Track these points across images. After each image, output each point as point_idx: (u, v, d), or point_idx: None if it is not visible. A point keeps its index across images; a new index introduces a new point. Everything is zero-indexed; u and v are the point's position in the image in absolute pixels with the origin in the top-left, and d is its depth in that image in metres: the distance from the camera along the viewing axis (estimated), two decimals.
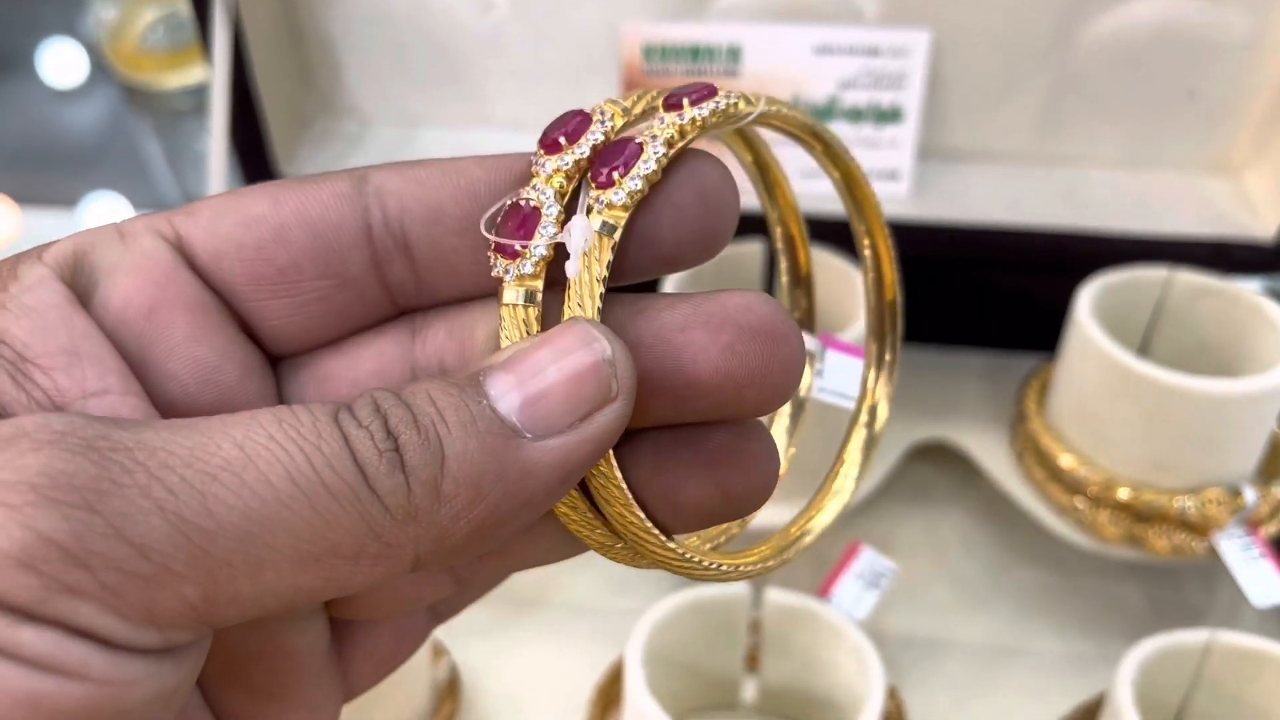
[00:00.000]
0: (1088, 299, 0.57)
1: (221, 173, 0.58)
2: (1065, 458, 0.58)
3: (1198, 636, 0.50)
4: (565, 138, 0.20)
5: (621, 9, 0.62)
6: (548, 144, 0.20)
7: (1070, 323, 0.57)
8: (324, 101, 0.69)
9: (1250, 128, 0.62)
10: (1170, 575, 0.64)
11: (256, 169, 0.64)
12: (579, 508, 0.20)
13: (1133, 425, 0.55)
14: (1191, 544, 0.55)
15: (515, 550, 0.22)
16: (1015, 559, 0.65)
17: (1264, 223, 0.61)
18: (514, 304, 0.20)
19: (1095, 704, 0.54)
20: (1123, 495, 0.55)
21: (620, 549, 0.21)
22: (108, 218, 0.21)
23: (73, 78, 1.04)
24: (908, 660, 0.60)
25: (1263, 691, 0.50)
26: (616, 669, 0.56)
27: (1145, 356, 0.57)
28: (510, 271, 0.20)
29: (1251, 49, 0.59)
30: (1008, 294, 0.67)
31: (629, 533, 0.20)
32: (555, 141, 0.20)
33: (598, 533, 0.20)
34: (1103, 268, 0.58)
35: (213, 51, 0.58)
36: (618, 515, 0.20)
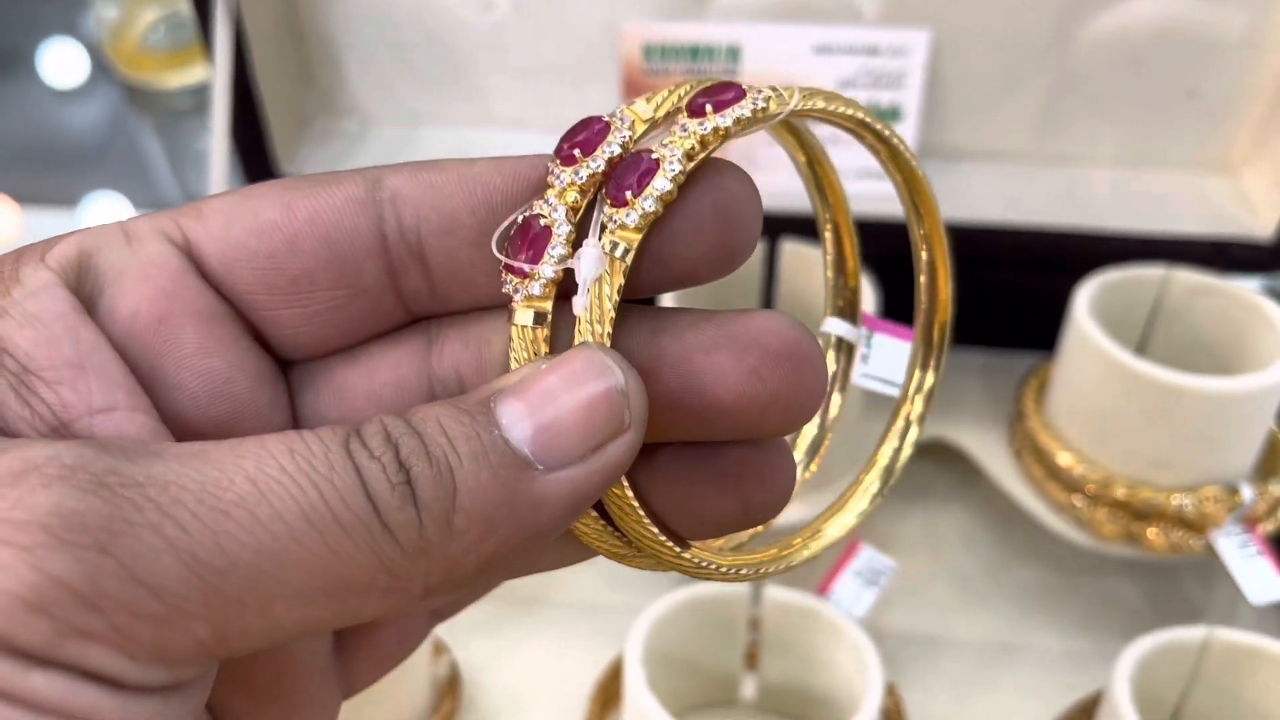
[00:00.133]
0: (1086, 297, 0.57)
1: (222, 172, 0.58)
2: (1063, 456, 0.58)
3: (1195, 634, 0.50)
4: (580, 150, 0.19)
5: (621, 8, 0.62)
6: (563, 155, 0.20)
7: (1069, 321, 0.58)
8: (325, 100, 0.69)
9: (1249, 127, 0.62)
10: (1168, 573, 0.64)
11: (257, 168, 0.64)
12: (591, 520, 0.20)
13: (1131, 423, 0.55)
14: (1189, 542, 0.55)
15: (524, 558, 0.22)
16: (1014, 557, 0.65)
17: (1263, 222, 0.61)
18: (523, 325, 0.19)
19: (1093, 701, 0.54)
20: (1121, 493, 0.55)
21: (637, 558, 0.20)
22: (109, 217, 0.21)
23: (73, 77, 1.04)
24: (906, 657, 0.60)
25: (1260, 688, 0.50)
26: (616, 666, 0.56)
27: (1143, 355, 0.57)
28: (520, 291, 0.19)
29: (1251, 48, 0.60)
30: (1006, 292, 0.67)
31: (644, 544, 0.20)
32: (570, 154, 0.19)
33: (610, 542, 0.20)
34: (1101, 266, 0.59)
35: (213, 51, 0.58)
36: (633, 530, 0.20)
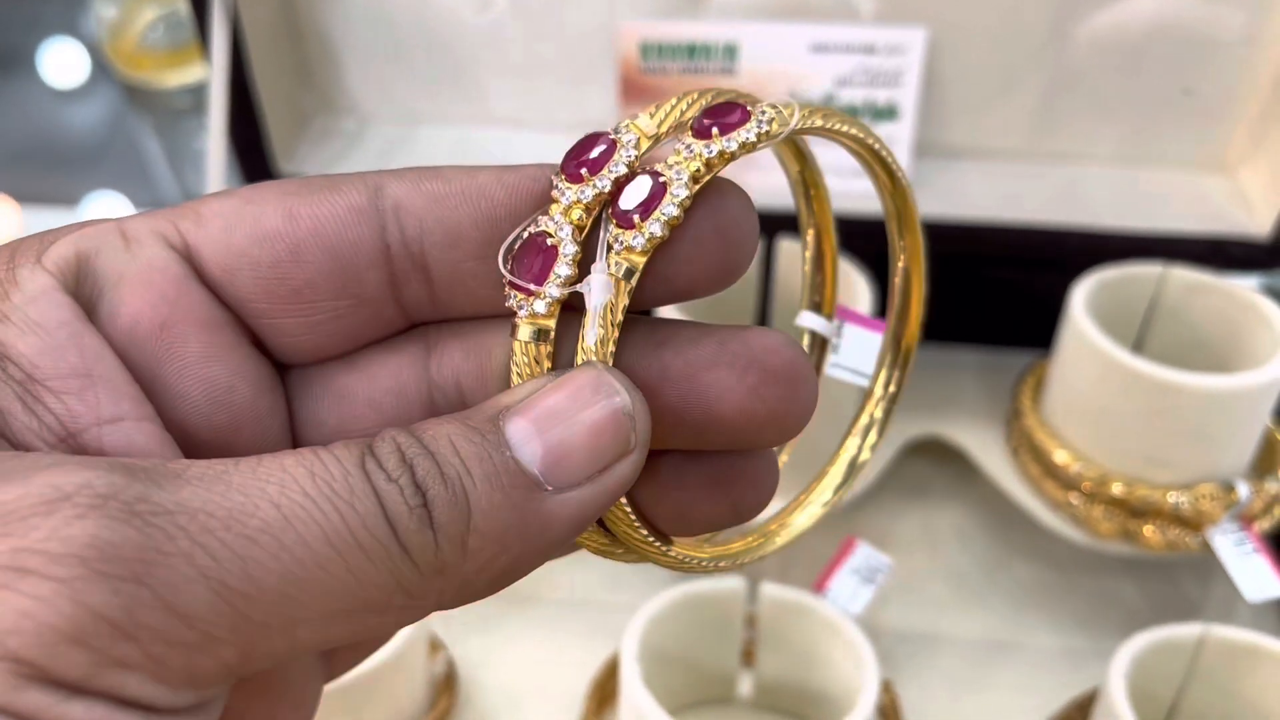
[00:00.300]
0: (1083, 295, 0.57)
1: (220, 171, 0.58)
2: (1060, 453, 0.58)
3: (1191, 631, 0.50)
4: (587, 169, 0.20)
5: (619, 7, 0.62)
6: (569, 172, 0.20)
7: (1065, 319, 0.58)
8: (323, 99, 0.69)
9: (1246, 125, 0.62)
10: (1164, 570, 0.64)
11: (255, 167, 0.64)
12: None
13: (1127, 421, 0.55)
14: (1185, 539, 0.55)
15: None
16: (1010, 554, 0.65)
17: (1259, 220, 0.61)
18: (526, 341, 0.19)
19: (1089, 698, 0.54)
20: (1117, 491, 0.56)
21: (620, 553, 0.21)
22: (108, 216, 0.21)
23: (73, 77, 1.04)
24: (903, 654, 0.60)
25: (1256, 685, 0.50)
26: (612, 664, 0.56)
27: (1140, 353, 0.57)
28: (524, 308, 0.19)
29: (1247, 46, 0.60)
30: (1003, 290, 0.67)
31: (632, 544, 0.21)
32: (577, 172, 0.20)
33: (595, 538, 0.21)
34: (1098, 264, 0.59)
35: (211, 50, 0.58)
36: (623, 532, 0.20)
